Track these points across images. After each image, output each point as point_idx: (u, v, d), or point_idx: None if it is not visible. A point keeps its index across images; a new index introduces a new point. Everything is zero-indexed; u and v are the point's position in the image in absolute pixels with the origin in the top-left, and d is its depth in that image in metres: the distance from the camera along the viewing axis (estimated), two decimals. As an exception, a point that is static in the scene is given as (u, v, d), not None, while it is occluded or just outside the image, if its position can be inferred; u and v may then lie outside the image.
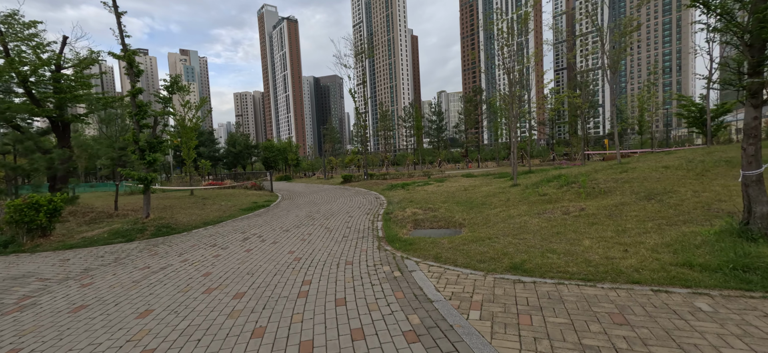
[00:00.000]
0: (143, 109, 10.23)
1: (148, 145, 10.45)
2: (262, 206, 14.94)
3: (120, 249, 7.89)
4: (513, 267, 4.83)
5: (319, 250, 6.83)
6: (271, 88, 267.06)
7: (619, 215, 7.01)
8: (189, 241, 8.37)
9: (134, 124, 10.37)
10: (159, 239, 8.87)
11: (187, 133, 18.13)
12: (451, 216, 9.64)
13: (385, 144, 66.98)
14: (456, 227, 8.92)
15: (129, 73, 10.27)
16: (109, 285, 5.21)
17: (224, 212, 13.28)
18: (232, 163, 67.24)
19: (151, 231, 9.52)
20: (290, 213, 12.34)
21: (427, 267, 5.20)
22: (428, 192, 15.85)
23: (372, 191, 19.07)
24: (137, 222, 10.29)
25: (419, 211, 10.67)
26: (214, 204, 15.17)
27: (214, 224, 10.83)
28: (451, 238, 6.92)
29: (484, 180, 19.86)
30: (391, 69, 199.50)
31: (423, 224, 9.41)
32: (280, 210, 13.67)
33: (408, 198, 14.48)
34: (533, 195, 10.72)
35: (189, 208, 14.02)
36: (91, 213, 12.66)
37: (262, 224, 10.39)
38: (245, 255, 6.69)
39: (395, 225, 9.32)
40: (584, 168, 15.42)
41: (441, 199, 13.21)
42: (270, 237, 8.44)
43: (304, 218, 11.10)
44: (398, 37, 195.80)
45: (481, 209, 10.36)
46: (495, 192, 13.18)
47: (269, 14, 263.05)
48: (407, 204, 12.38)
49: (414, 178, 27.10)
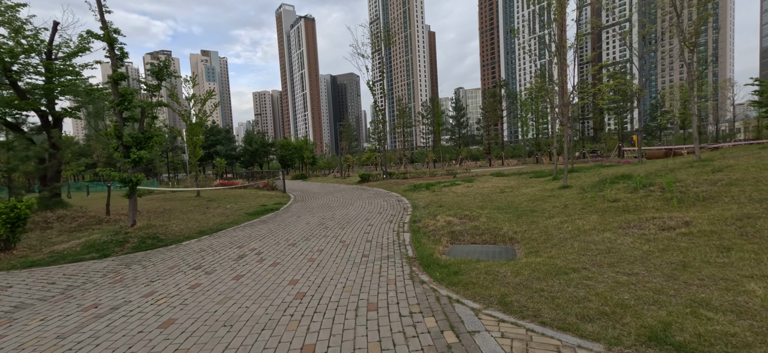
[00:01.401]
0: (127, 98, 8.71)
1: (134, 140, 8.94)
2: (270, 210, 13.32)
3: (84, 270, 6.32)
4: (654, 338, 2.83)
5: (330, 279, 5.03)
6: (288, 87, 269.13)
7: (761, 235, 4.86)
8: (171, 260, 6.73)
9: (117, 116, 8.86)
10: (138, 254, 7.28)
11: (192, 129, 16.76)
12: (496, 228, 7.66)
13: (404, 141, 64.89)
14: (505, 243, 6.94)
15: (110, 55, 8.78)
16: (18, 346, 3.54)
17: (227, 217, 11.71)
18: (249, 161, 66.91)
19: (133, 243, 7.97)
20: (300, 220, 10.63)
21: (497, 325, 3.29)
22: (458, 195, 13.85)
23: (393, 192, 17.20)
24: (120, 231, 8.78)
25: (454, 220, 8.72)
26: (219, 208, 13.66)
27: (210, 233, 9.22)
28: (513, 265, 4.96)
29: (519, 179, 17.64)
30: (408, 66, 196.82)
31: (462, 238, 7.47)
32: (289, 215, 11.99)
33: (436, 201, 12.53)
34: (598, 200, 8.58)
35: (189, 213, 12.54)
36: (81, 218, 11.34)
37: (266, 234, 8.69)
38: (232, 287, 4.95)
39: (427, 238, 7.43)
40: (647, 166, 13.06)
41: (476, 203, 11.20)
42: (271, 254, 6.70)
43: (316, 226, 9.34)
44: (415, 33, 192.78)
45: (532, 218, 8.31)
46: (542, 196, 11.05)
47: (287, 13, 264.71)
48: (437, 210, 10.45)
49: (437, 177, 25.05)
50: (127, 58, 9.12)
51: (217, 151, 65.43)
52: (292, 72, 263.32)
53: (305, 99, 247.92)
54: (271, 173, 25.77)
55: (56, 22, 12.16)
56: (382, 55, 27.07)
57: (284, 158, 69.20)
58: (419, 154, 67.96)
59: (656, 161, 17.14)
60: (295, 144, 67.48)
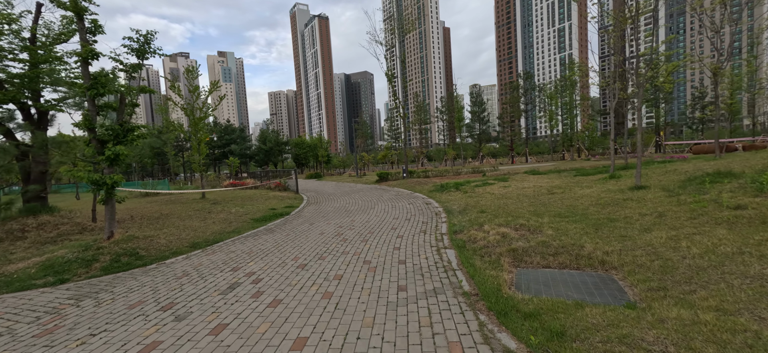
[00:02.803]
0: (101, 81, 7.09)
1: (111, 133, 7.34)
2: (280, 214, 11.60)
3: (18, 307, 4.68)
4: None
5: (357, 337, 3.19)
6: (303, 86, 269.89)
7: None
8: (140, 290, 5.03)
9: (89, 104, 7.25)
10: (104, 279, 5.62)
11: (196, 124, 15.24)
12: (573, 245, 5.65)
13: (421, 138, 62.68)
14: (596, 268, 4.92)
15: (79, 28, 7.19)
16: None
17: (229, 224, 10.04)
18: (264, 160, 66.14)
19: (103, 262, 6.33)
20: (314, 229, 8.84)
21: None
22: (497, 197, 11.80)
23: (417, 193, 15.27)
24: (91, 246, 7.15)
25: (510, 232, 6.74)
26: (222, 213, 12.04)
27: (203, 247, 7.52)
28: (641, 317, 2.97)
29: (563, 178, 15.41)
30: (422, 62, 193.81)
31: (529, 259, 5.49)
32: (301, 221, 10.23)
33: (473, 205, 10.54)
34: (709, 206, 6.44)
35: (187, 218, 10.94)
36: (64, 225, 9.88)
37: (271, 249, 6.93)
38: (205, 350, 3.16)
39: (480, 259, 5.51)
40: (729, 160, 10.70)
41: (526, 208, 9.15)
42: (273, 283, 4.92)
43: (332, 238, 7.53)
44: (430, 29, 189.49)
45: (616, 230, 6.25)
46: (611, 199, 8.92)
47: (301, 13, 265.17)
48: (480, 217, 8.47)
49: (463, 176, 22.95)
50: (102, 33, 7.50)
51: (232, 150, 64.92)
52: (306, 71, 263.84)
53: (319, 98, 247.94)
54: (283, 172, 24.23)
55: (40, 3, 10.74)
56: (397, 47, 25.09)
57: (298, 157, 68.16)
58: (437, 152, 65.53)
59: (735, 155, 14.63)
60: (310, 142, 66.30)
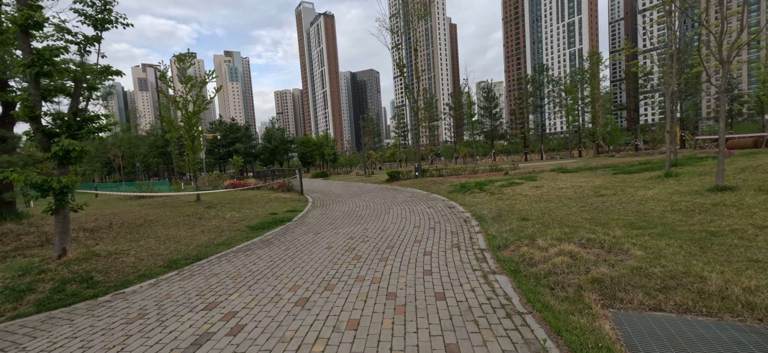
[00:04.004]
0: (45, 57, 5.52)
1: (60, 125, 5.80)
2: (280, 221, 10.02)
3: None
4: None
5: None
6: (309, 85, 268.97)
7: None
8: (63, 348, 3.48)
9: (31, 86, 5.69)
10: (31, 321, 4.09)
11: (189, 119, 13.72)
12: (684, 272, 3.97)
13: (430, 136, 60.82)
14: (740, 314, 3.25)
15: (16, -11, 5.70)
16: None
17: (219, 234, 8.49)
18: (269, 159, 64.95)
19: (41, 293, 4.81)
20: (319, 241, 7.25)
21: None
22: (533, 199, 10.10)
23: (434, 194, 13.62)
24: (29, 270, 5.62)
25: (577, 249, 5.06)
26: (214, 219, 10.50)
27: (181, 267, 5.97)
28: None
29: (603, 177, 13.62)
30: (429, 59, 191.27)
31: (626, 295, 3.80)
32: (304, 230, 8.65)
33: (506, 209, 8.86)
34: None
35: (172, 227, 9.42)
36: (29, 235, 8.43)
37: (263, 273, 5.35)
38: None
39: (549, 292, 3.86)
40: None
41: (579, 215, 7.45)
42: (258, 336, 3.33)
43: (342, 255, 5.93)
44: (436, 26, 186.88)
45: (731, 249, 4.55)
46: (691, 204, 7.18)
47: (306, 11, 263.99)
48: (522, 225, 6.80)
49: (481, 175, 21.22)
50: None
51: (237, 149, 63.82)
52: (312, 70, 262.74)
53: (325, 96, 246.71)
54: (287, 172, 22.74)
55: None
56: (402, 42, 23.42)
57: (304, 155, 66.85)
58: (447, 149, 63.55)
59: None
60: (316, 140, 64.90)
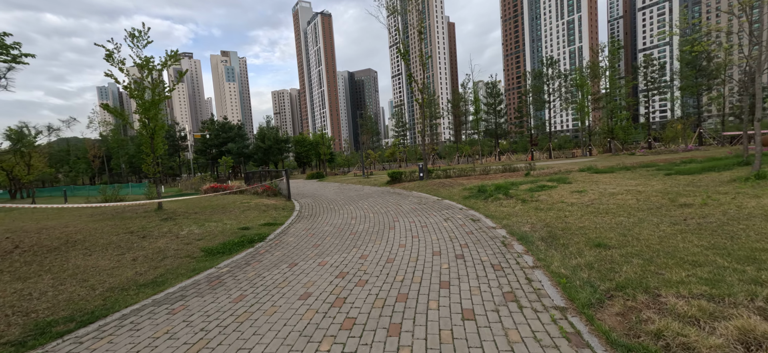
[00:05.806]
0: None
1: None
2: (249, 242, 7.44)
3: None
4: None
5: None
6: (306, 85, 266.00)
7: None
8: None
9: None
10: None
11: (147, 111, 11.04)
12: None
13: (431, 134, 58.35)
14: None
15: None
16: None
17: (155, 265, 5.92)
18: (262, 159, 62.21)
19: None
20: (294, 281, 4.71)
21: None
22: (584, 209, 7.58)
23: (446, 200, 11.09)
24: None
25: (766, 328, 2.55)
26: (162, 238, 7.91)
27: (46, 342, 3.42)
28: None
29: (655, 179, 11.13)
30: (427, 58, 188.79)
31: None
32: (277, 258, 6.09)
33: (559, 225, 6.34)
34: None
35: (95, 252, 6.84)
36: None
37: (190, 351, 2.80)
38: None
39: None
40: None
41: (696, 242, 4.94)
42: None
43: (325, 315, 3.38)
44: (435, 25, 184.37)
45: None
46: None
47: (303, 10, 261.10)
48: (608, 258, 4.28)
49: (495, 175, 18.71)
50: None
51: (229, 149, 61.11)
52: (309, 69, 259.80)
53: (323, 96, 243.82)
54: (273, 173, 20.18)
55: None
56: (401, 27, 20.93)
57: (300, 155, 64.19)
58: (449, 148, 61.12)
59: None
60: (312, 139, 62.31)
